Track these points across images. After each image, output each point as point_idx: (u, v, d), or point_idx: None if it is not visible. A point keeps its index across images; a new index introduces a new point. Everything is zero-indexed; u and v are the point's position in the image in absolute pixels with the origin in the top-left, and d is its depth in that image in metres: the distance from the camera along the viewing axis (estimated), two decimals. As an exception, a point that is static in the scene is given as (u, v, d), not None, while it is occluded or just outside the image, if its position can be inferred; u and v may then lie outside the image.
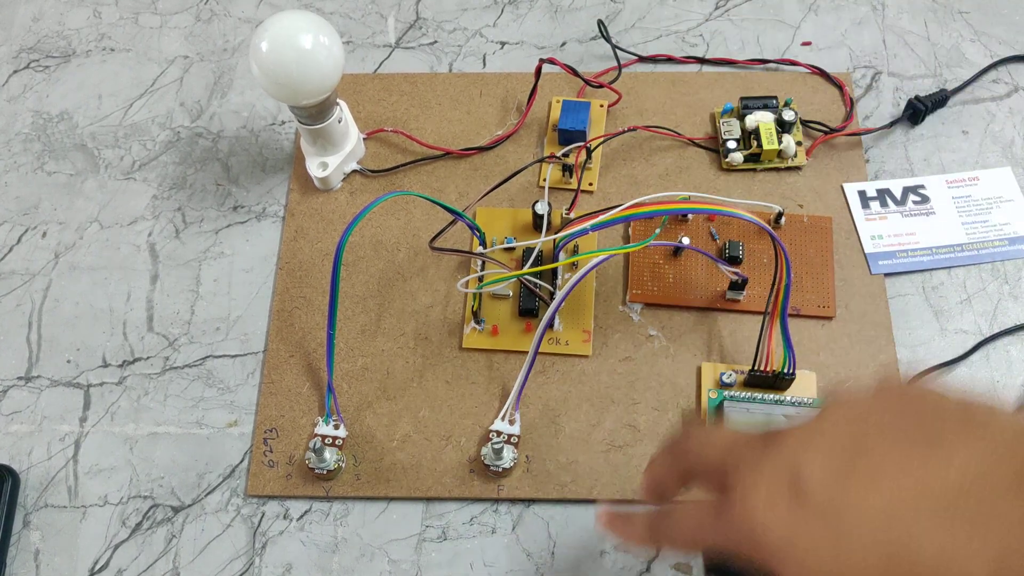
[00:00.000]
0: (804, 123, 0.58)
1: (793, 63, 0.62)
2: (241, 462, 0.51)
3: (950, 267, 0.54)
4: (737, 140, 0.58)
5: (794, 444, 0.29)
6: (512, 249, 0.55)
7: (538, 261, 0.53)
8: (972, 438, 0.26)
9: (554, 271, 0.54)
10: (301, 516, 0.49)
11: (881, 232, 0.55)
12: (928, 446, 0.26)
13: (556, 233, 0.52)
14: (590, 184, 0.57)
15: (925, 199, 0.56)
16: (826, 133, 0.58)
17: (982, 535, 0.24)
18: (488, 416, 0.51)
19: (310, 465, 0.48)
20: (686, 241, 0.52)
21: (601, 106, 0.60)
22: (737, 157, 0.57)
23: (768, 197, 0.57)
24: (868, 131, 0.58)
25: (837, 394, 0.30)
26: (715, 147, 0.58)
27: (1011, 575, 0.24)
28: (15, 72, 0.65)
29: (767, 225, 0.46)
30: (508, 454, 0.48)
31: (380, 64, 0.64)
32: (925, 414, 0.27)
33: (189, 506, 0.50)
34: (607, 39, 0.62)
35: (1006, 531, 0.24)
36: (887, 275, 0.54)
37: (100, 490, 0.50)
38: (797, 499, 0.27)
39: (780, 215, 0.54)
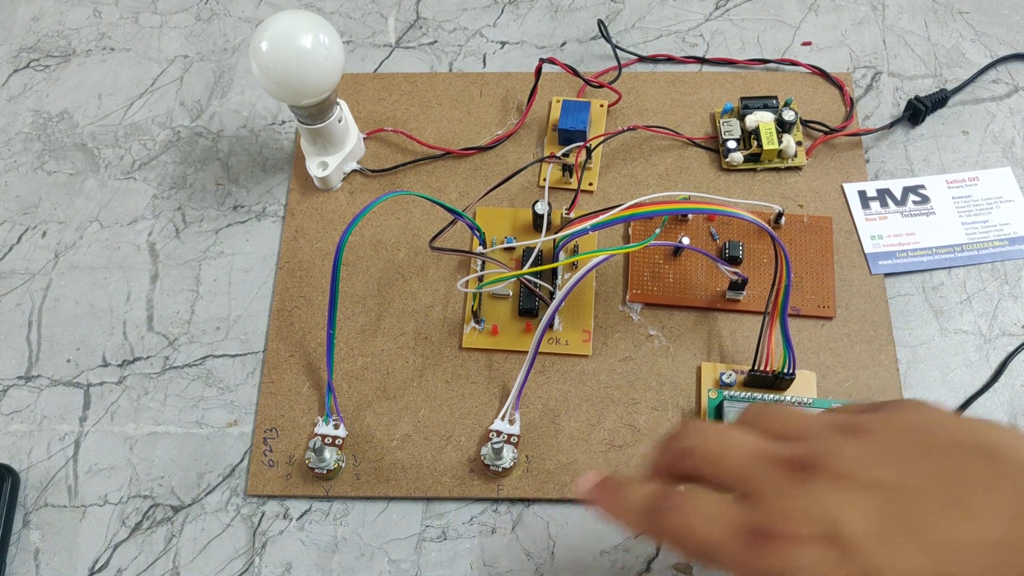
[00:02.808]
0: (804, 123, 0.58)
1: (793, 63, 0.62)
2: (241, 462, 0.51)
3: (950, 267, 0.54)
4: (737, 140, 0.58)
5: (830, 487, 0.28)
6: (512, 249, 0.55)
7: (538, 261, 0.53)
8: (1007, 494, 0.26)
9: (554, 271, 0.54)
10: (301, 516, 0.49)
11: (881, 232, 0.55)
12: (964, 501, 0.26)
13: (556, 233, 0.52)
14: (590, 184, 0.57)
15: (925, 199, 0.56)
16: (826, 133, 0.58)
17: None
18: (488, 416, 0.51)
19: (310, 465, 0.48)
20: (686, 241, 0.52)
21: (601, 106, 0.60)
22: (737, 157, 0.57)
23: (768, 197, 0.57)
24: (868, 131, 0.58)
25: (859, 422, 0.29)
26: (715, 147, 0.58)
27: None
28: (15, 72, 0.65)
29: (767, 225, 0.46)
30: (508, 454, 0.48)
31: (380, 64, 0.64)
32: (954, 463, 0.27)
33: (189, 506, 0.50)
34: (607, 39, 0.62)
35: None
36: (887, 275, 0.54)
37: (100, 490, 0.50)
38: (839, 555, 0.26)
39: (780, 215, 0.54)
